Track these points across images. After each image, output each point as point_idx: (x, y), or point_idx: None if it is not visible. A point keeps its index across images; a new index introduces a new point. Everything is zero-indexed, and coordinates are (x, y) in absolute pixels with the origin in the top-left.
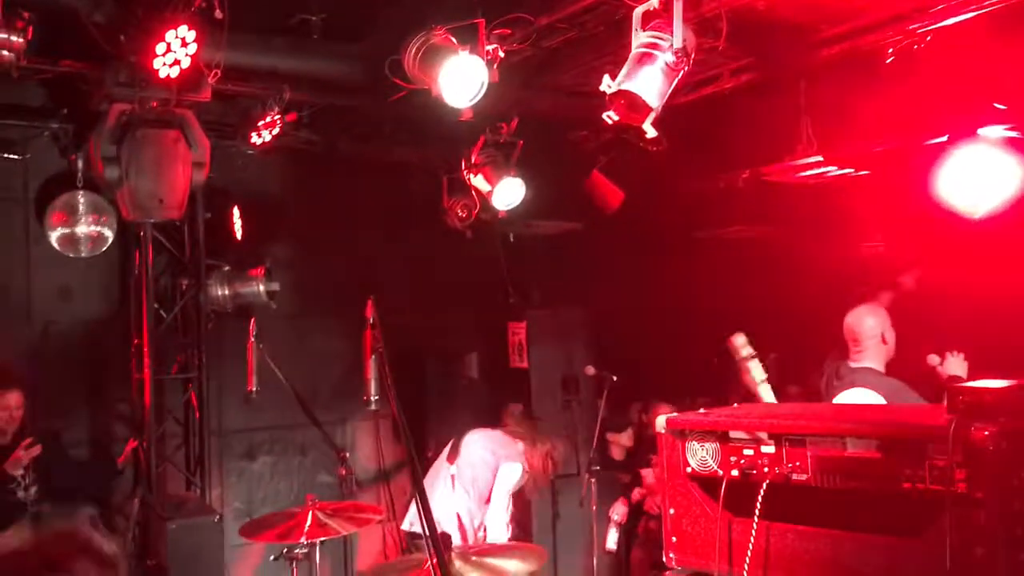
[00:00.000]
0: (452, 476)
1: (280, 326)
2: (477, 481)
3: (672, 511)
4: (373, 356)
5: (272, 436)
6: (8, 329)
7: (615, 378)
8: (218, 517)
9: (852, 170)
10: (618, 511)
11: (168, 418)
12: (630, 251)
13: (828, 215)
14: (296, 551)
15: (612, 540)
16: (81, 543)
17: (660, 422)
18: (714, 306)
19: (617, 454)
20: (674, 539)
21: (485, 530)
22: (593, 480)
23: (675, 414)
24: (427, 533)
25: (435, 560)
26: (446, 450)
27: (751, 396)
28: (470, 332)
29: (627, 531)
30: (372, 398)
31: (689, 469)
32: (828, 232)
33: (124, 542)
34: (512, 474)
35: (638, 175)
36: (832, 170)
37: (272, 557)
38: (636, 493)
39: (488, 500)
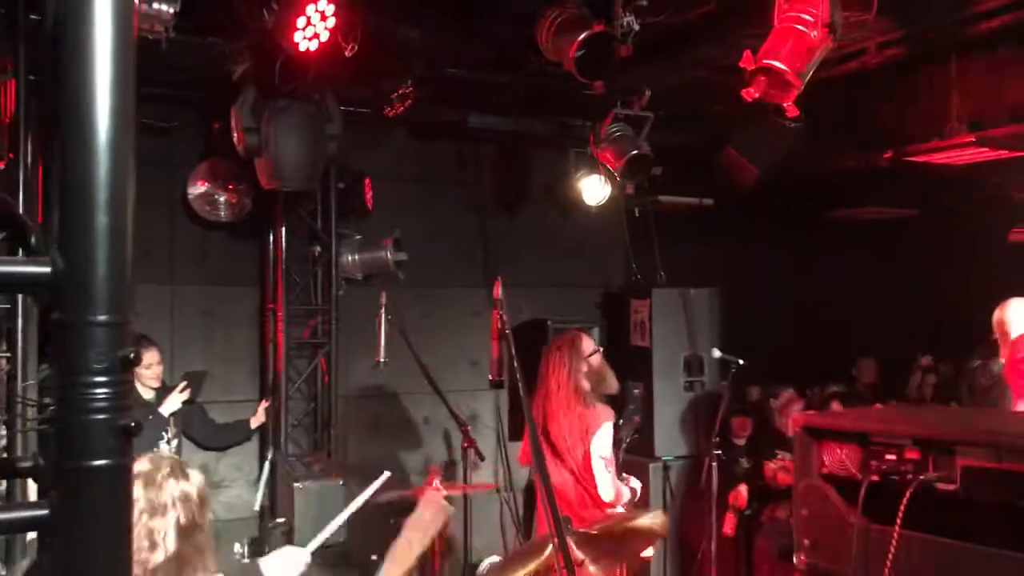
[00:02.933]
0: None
1: (406, 296)
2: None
3: (804, 512)
4: (500, 338)
5: (397, 404)
6: (149, 291)
7: (741, 362)
8: (342, 482)
9: (1005, 152)
10: (738, 497)
11: (299, 381)
12: (763, 230)
13: (976, 199)
14: None
15: (730, 525)
16: None
17: (794, 422)
18: (850, 291)
19: (739, 440)
20: (806, 542)
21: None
22: (714, 464)
23: (810, 412)
24: (552, 522)
25: (558, 545)
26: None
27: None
28: (592, 309)
29: (748, 518)
30: (498, 379)
31: (824, 470)
32: (976, 218)
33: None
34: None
35: (774, 152)
36: (983, 152)
37: (391, 520)
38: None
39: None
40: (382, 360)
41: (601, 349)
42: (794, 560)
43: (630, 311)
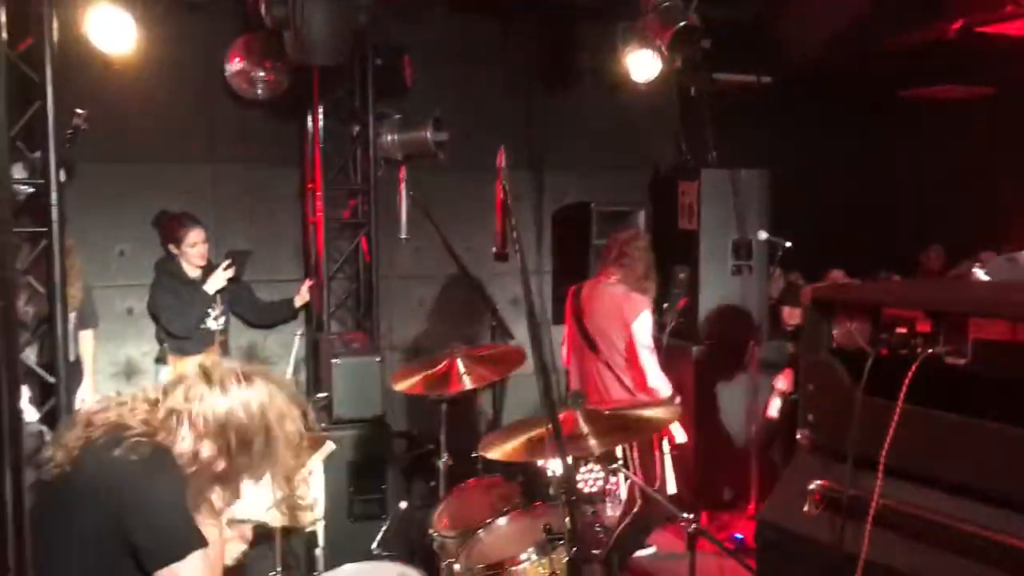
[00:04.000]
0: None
1: (446, 179)
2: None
3: (810, 387)
4: (503, 209)
5: (437, 285)
6: (191, 171)
7: (788, 244)
8: (379, 358)
9: None
10: (783, 380)
11: (340, 262)
12: (822, 109)
13: None
14: (447, 396)
15: (775, 408)
16: None
17: (804, 294)
18: (914, 174)
19: (786, 324)
20: (810, 417)
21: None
22: (758, 348)
23: (820, 284)
24: (544, 391)
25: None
26: None
27: None
28: (639, 191)
29: (792, 402)
30: (502, 252)
31: (833, 344)
32: None
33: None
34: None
35: (837, 25)
36: None
37: (432, 396)
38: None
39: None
40: (404, 236)
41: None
42: (798, 436)
43: (678, 193)
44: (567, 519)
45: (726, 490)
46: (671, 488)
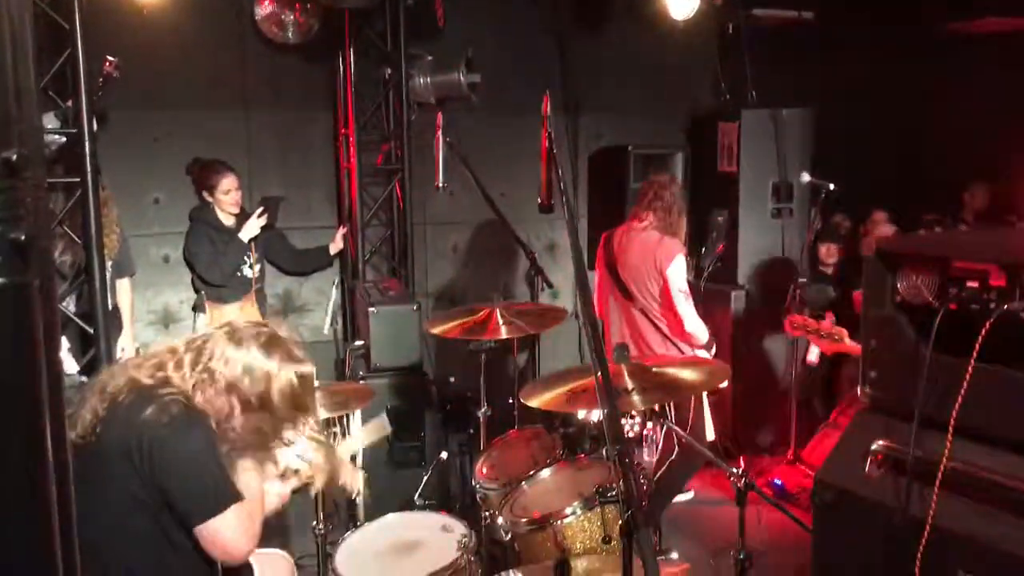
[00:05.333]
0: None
1: (480, 123)
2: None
3: (873, 343)
4: (548, 159)
5: (472, 231)
6: (223, 117)
7: (832, 186)
8: (416, 306)
9: None
10: (823, 325)
11: (374, 208)
12: (866, 46)
13: None
14: (484, 345)
15: (814, 354)
16: None
17: (871, 245)
18: (963, 115)
19: (824, 263)
20: (872, 374)
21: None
22: (799, 292)
23: (887, 236)
24: (592, 341)
25: (600, 371)
26: None
27: None
28: (677, 133)
29: None
30: (548, 203)
31: (897, 299)
32: None
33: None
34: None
35: None
36: None
37: (471, 347)
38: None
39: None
40: (441, 184)
41: (678, 183)
42: (858, 392)
43: (717, 135)
44: (621, 482)
45: (765, 436)
46: (709, 435)
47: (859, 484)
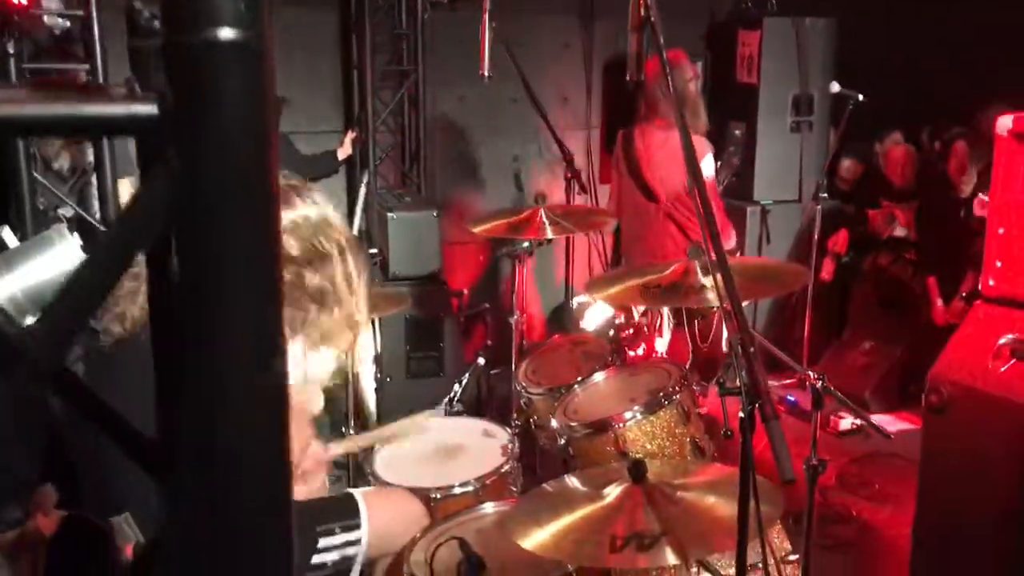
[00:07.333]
0: None
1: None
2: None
3: (1001, 230)
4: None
5: (486, 138)
6: None
7: (861, 97)
8: (436, 212)
9: None
10: (838, 242)
11: (384, 113)
12: None
13: None
14: (519, 250)
15: (828, 271)
16: None
17: (1002, 123)
18: (999, 25)
19: (844, 184)
20: (998, 263)
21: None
22: (818, 208)
23: (1016, 116)
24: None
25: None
26: None
27: None
28: (695, 41)
29: (846, 264)
30: (637, 78)
31: None
32: None
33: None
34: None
35: None
36: None
37: (504, 251)
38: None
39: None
40: (486, 74)
41: (700, 77)
42: (979, 286)
43: (737, 43)
44: (744, 372)
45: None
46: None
47: (985, 380)
